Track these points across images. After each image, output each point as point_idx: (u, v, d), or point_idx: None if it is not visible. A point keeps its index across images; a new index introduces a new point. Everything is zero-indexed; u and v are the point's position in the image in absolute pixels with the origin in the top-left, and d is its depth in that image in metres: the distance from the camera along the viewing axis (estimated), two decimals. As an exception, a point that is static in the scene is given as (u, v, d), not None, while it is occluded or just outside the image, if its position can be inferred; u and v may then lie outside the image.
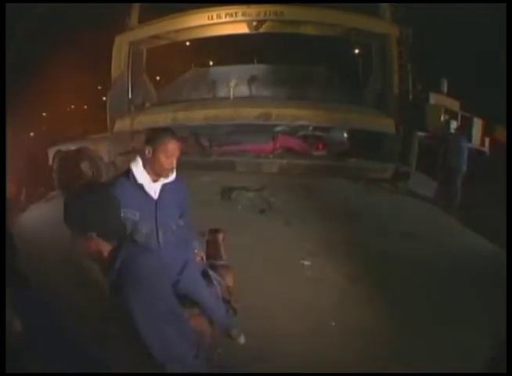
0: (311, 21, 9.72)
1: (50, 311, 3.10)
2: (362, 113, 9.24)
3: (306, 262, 4.69)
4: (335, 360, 3.05)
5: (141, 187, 2.38)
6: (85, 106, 14.14)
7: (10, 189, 5.57)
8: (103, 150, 8.83)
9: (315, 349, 3.19)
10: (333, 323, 3.57)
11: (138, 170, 2.38)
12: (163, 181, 2.46)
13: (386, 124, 8.65)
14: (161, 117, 9.64)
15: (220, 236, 3.76)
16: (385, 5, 9.13)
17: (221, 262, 3.47)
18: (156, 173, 2.41)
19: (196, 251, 2.87)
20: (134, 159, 2.43)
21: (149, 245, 2.40)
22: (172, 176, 2.52)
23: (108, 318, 2.53)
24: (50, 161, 7.84)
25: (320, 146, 9.41)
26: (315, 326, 3.54)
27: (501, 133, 6.87)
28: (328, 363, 3.02)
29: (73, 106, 14.24)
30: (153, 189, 2.44)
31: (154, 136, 2.39)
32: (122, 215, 2.15)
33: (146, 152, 2.35)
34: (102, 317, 3.15)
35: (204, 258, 2.91)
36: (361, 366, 2.95)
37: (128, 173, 2.40)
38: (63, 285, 3.95)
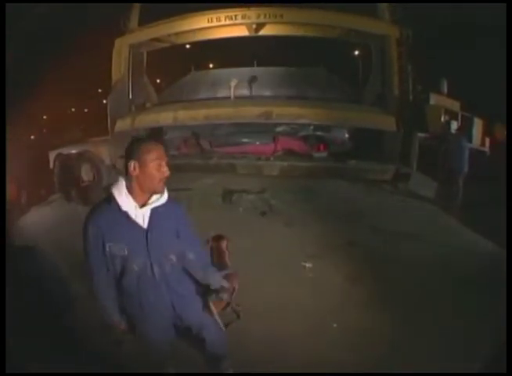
0: (311, 23, 9.73)
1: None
2: (362, 112, 9.26)
3: (307, 264, 4.70)
4: (336, 361, 3.06)
5: (126, 215, 2.00)
6: (86, 109, 14.20)
7: (11, 191, 5.58)
8: (104, 153, 8.84)
9: (316, 350, 3.20)
10: (335, 325, 3.57)
11: (122, 194, 2.00)
12: (152, 204, 2.05)
13: (387, 122, 8.65)
14: (162, 117, 9.66)
15: (224, 244, 3.77)
16: (384, 6, 9.13)
17: (227, 272, 3.46)
18: (147, 191, 2.03)
19: (219, 285, 2.42)
20: (115, 182, 2.04)
21: (143, 284, 2.11)
22: (164, 197, 2.09)
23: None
24: (51, 164, 7.86)
25: (321, 147, 9.41)
26: (316, 327, 3.55)
27: (500, 131, 6.86)
28: (329, 363, 3.03)
29: (73, 109, 14.30)
30: (141, 215, 2.03)
31: (135, 147, 1.99)
32: (107, 250, 2.00)
33: (131, 169, 1.96)
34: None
35: (231, 291, 2.59)
36: (361, 366, 2.95)
37: (110, 199, 2.02)
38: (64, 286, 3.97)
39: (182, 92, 11.00)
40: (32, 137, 8.67)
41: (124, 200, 1.99)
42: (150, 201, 2.04)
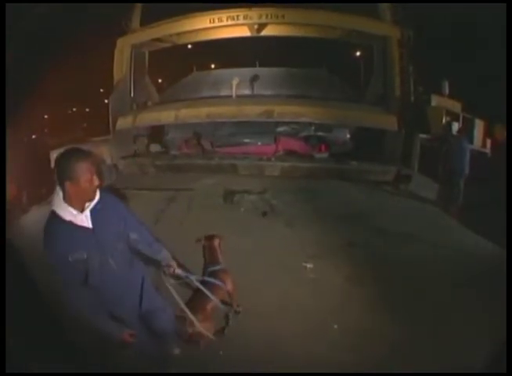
0: (313, 24, 9.72)
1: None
2: (364, 111, 9.24)
3: (308, 265, 4.69)
4: (336, 361, 3.06)
5: (71, 223, 2.19)
6: (87, 109, 14.22)
7: (11, 190, 5.59)
8: (105, 153, 8.85)
9: (317, 350, 3.20)
10: (335, 326, 3.57)
11: (61, 207, 2.19)
12: (90, 207, 2.25)
13: (388, 121, 8.64)
14: (164, 115, 9.66)
15: (216, 242, 3.82)
16: (385, 7, 9.13)
17: (220, 267, 3.53)
18: (83, 200, 2.23)
19: (166, 262, 2.71)
20: (53, 197, 2.22)
21: (108, 278, 2.33)
22: (97, 197, 2.29)
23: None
24: (52, 164, 7.85)
25: (322, 147, 9.40)
26: (316, 327, 3.55)
27: (500, 132, 6.85)
28: (329, 363, 3.03)
29: (75, 109, 14.32)
30: (84, 218, 2.24)
31: (65, 167, 2.12)
32: (70, 260, 2.17)
33: (66, 188, 2.13)
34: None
35: (176, 268, 2.73)
36: (361, 366, 2.96)
37: (52, 216, 2.21)
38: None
39: (184, 92, 10.98)
40: (33, 137, 8.66)
41: (65, 211, 2.18)
42: (87, 205, 2.25)
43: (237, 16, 9.38)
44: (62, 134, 10.90)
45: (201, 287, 3.04)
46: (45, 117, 12.16)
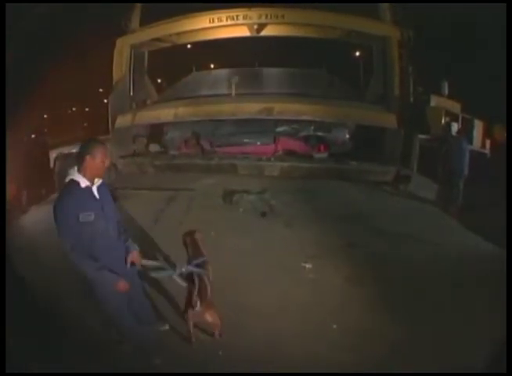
0: (312, 24, 9.70)
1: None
2: (364, 109, 9.24)
3: (307, 265, 4.69)
4: (336, 361, 3.06)
5: (86, 190, 2.73)
6: (87, 109, 14.20)
7: (10, 190, 5.57)
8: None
9: (316, 350, 3.20)
10: (335, 326, 3.57)
11: (79, 177, 2.72)
12: (97, 184, 2.80)
13: (388, 120, 8.64)
14: (163, 113, 9.63)
15: (197, 236, 4.00)
16: (385, 7, 9.13)
17: (204, 259, 3.67)
18: (94, 176, 2.76)
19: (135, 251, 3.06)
20: (71, 168, 2.76)
21: (107, 241, 2.81)
22: (101, 180, 2.83)
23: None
24: (52, 164, 7.85)
25: (322, 147, 9.39)
26: (316, 327, 3.55)
27: (500, 133, 6.85)
28: (329, 364, 3.03)
29: (74, 109, 14.30)
30: (94, 191, 2.78)
31: (90, 146, 2.72)
32: (80, 219, 2.64)
33: (86, 160, 2.68)
34: (103, 319, 3.18)
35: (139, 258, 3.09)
36: (361, 366, 2.96)
37: (71, 182, 2.72)
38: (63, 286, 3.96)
39: (183, 92, 10.95)
40: (33, 136, 8.65)
41: (82, 180, 2.71)
42: (96, 181, 2.79)
43: (237, 16, 9.36)
44: (61, 134, 10.89)
45: (178, 279, 3.40)
46: (45, 116, 12.13)
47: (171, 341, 3.29)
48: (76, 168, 2.73)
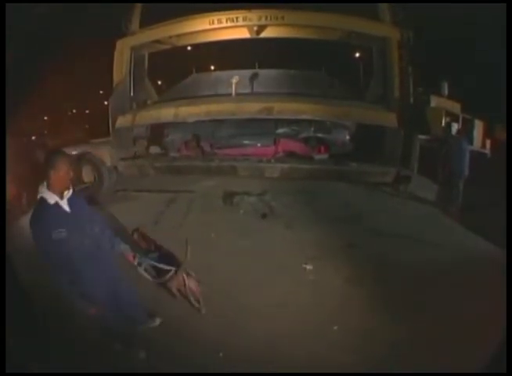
0: (312, 25, 9.70)
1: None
2: (364, 108, 9.21)
3: (308, 266, 4.69)
4: (336, 362, 3.06)
5: (55, 205, 2.75)
6: (87, 111, 14.21)
7: (11, 191, 5.57)
8: (105, 154, 8.83)
9: (317, 351, 3.20)
10: (335, 327, 3.57)
11: (47, 193, 2.75)
12: (67, 196, 2.82)
13: (388, 119, 8.60)
14: (163, 113, 9.60)
15: (142, 229, 4.49)
16: (384, 7, 9.12)
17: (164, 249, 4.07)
18: (61, 189, 2.79)
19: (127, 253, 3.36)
20: (40, 186, 2.78)
21: (83, 254, 2.80)
22: (71, 190, 2.87)
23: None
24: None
25: (322, 149, 9.38)
26: (316, 328, 3.55)
27: (500, 133, 6.85)
28: (329, 364, 3.03)
29: (74, 111, 14.31)
30: (64, 204, 2.80)
31: (52, 160, 2.75)
32: (53, 237, 2.63)
33: (50, 175, 2.73)
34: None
35: (133, 257, 3.40)
36: (361, 367, 2.95)
37: (41, 200, 2.75)
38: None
39: (183, 94, 10.96)
40: (33, 138, 8.65)
41: (50, 196, 2.74)
42: (65, 194, 2.82)
43: (236, 18, 9.35)
44: (61, 135, 10.89)
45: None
46: (45, 118, 12.15)
47: (171, 341, 3.29)
48: (45, 184, 2.77)
